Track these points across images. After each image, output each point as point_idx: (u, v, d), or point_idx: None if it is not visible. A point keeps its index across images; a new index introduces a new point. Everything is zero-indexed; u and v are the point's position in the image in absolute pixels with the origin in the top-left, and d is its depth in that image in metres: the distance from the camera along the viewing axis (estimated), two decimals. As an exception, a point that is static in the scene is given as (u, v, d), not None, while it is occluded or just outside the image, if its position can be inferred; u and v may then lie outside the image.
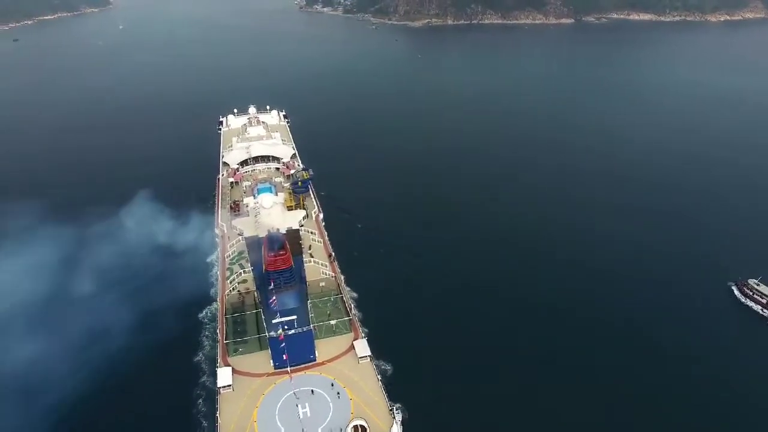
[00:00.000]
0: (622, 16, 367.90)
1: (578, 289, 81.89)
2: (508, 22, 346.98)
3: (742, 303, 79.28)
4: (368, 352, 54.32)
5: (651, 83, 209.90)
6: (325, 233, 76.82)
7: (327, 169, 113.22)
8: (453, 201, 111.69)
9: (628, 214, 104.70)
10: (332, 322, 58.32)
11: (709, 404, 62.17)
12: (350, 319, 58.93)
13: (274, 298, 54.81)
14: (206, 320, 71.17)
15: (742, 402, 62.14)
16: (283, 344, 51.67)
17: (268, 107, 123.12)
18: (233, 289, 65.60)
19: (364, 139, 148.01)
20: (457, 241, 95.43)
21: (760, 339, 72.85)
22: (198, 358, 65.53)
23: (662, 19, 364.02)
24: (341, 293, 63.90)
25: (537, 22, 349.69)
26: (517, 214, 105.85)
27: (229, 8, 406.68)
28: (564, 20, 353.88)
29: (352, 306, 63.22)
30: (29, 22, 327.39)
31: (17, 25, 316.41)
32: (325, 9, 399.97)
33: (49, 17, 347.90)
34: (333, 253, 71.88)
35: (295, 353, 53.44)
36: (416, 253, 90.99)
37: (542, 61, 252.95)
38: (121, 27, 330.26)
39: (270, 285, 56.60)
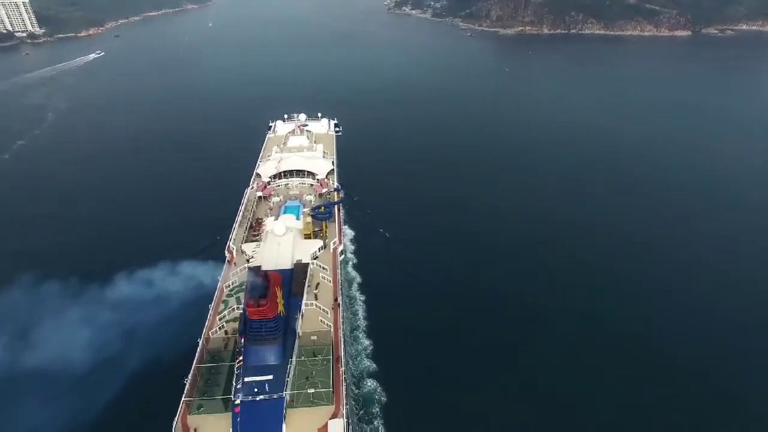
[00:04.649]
0: (754, 28, 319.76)
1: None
2: (612, 33, 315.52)
3: None
4: None
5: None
6: (339, 271, 67.07)
7: (371, 186, 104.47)
8: (525, 252, 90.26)
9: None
10: (311, 391, 48.47)
11: None
12: (334, 390, 48.75)
13: (240, 359, 45.91)
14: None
15: None
16: (239, 419, 42.87)
17: (319, 114, 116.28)
18: (221, 327, 58.07)
19: (419, 158, 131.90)
20: (525, 307, 75.53)
21: None
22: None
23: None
24: (335, 352, 53.77)
25: (646, 34, 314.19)
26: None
27: (319, 8, 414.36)
28: (679, 32, 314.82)
29: (342, 371, 52.73)
30: (137, 18, 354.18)
31: (127, 21, 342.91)
32: (413, 12, 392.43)
33: (153, 14, 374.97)
34: (340, 297, 62.07)
35: (257, 425, 44.52)
36: (457, 308, 73.50)
37: (653, 85, 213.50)
38: (210, 25, 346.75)
39: (242, 341, 47.77)
